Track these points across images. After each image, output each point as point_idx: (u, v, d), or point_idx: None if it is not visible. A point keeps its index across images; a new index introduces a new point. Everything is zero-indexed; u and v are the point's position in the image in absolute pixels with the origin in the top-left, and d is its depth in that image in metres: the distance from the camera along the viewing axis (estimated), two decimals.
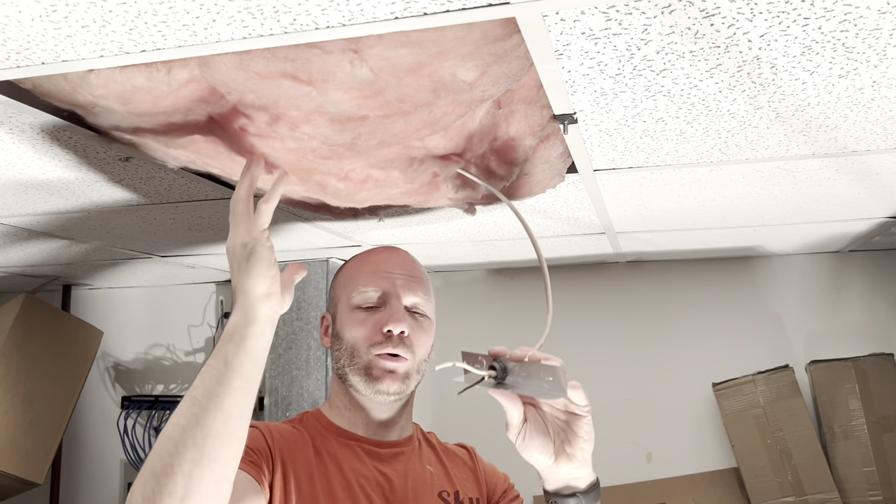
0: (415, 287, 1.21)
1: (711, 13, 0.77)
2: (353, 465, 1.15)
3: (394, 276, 1.20)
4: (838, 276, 2.64)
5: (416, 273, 1.24)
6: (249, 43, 0.81)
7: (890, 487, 2.37)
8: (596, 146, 1.25)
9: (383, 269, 1.21)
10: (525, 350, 0.97)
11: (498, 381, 0.97)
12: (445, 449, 1.31)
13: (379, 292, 1.19)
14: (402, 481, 1.17)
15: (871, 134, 1.20)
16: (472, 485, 1.26)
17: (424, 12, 0.74)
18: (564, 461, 0.97)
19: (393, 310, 1.17)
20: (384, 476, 1.16)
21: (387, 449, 1.19)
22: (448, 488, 1.21)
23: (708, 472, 2.63)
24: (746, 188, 1.56)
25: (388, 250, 1.27)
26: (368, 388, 1.15)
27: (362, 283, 1.20)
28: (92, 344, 2.88)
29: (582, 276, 2.81)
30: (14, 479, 2.51)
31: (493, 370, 0.98)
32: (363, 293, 1.19)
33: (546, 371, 0.93)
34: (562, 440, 0.97)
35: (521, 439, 0.98)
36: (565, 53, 0.86)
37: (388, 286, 1.19)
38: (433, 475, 1.22)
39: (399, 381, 1.15)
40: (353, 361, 1.16)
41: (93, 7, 0.74)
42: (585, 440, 0.97)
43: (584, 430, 0.97)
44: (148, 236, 2.01)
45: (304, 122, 1.01)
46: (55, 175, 1.37)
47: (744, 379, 2.54)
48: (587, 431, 0.97)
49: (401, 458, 1.20)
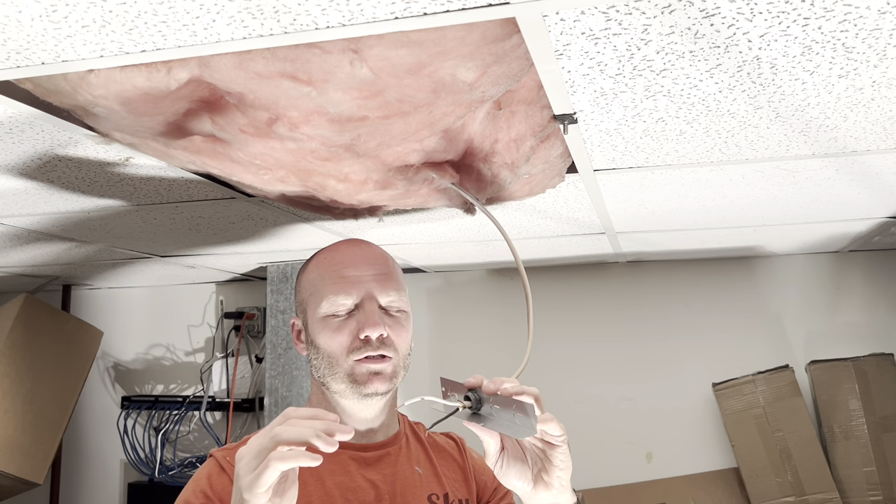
0: (387, 285, 1.15)
1: (711, 13, 0.77)
2: (336, 478, 1.12)
3: (364, 279, 1.14)
4: (838, 276, 2.64)
5: (386, 268, 1.17)
6: (249, 43, 0.81)
7: (890, 487, 2.37)
8: (596, 146, 1.25)
9: (351, 272, 1.14)
10: (499, 382, 0.96)
11: (473, 412, 0.97)
12: (434, 444, 1.27)
13: (351, 299, 1.12)
14: (391, 487, 1.14)
15: (871, 134, 1.20)
16: (462, 484, 1.24)
17: (424, 12, 0.74)
18: (542, 488, 0.98)
19: (368, 314, 1.11)
20: (371, 483, 1.13)
21: (373, 452, 1.16)
22: (437, 490, 1.19)
23: (708, 472, 2.63)
24: (746, 188, 1.56)
25: (352, 246, 1.19)
26: (355, 393, 1.11)
27: (332, 291, 1.13)
28: (92, 344, 2.88)
29: (582, 276, 2.81)
30: (14, 479, 2.51)
31: (468, 401, 0.97)
32: (333, 302, 1.12)
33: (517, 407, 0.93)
34: (539, 468, 0.98)
35: (500, 467, 0.99)
36: (565, 53, 0.86)
37: (359, 291, 1.13)
38: (422, 477, 1.19)
39: (387, 380, 1.12)
40: (334, 370, 1.12)
41: (93, 7, 0.74)
42: (562, 468, 0.97)
43: (559, 458, 0.97)
44: (148, 236, 2.01)
45: (304, 122, 1.01)
46: (55, 175, 1.37)
47: (744, 379, 2.54)
48: (563, 460, 0.97)
49: (388, 461, 1.17)
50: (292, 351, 2.56)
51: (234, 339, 2.98)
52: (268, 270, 2.61)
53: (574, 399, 2.75)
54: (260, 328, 2.99)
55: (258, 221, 1.86)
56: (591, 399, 2.74)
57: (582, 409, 2.74)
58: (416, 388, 2.62)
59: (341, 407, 1.15)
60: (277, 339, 2.58)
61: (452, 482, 1.23)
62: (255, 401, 2.93)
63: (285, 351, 2.57)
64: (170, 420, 2.99)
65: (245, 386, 2.95)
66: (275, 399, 2.56)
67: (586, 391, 2.75)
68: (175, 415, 2.99)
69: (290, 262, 2.57)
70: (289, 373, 2.56)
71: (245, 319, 2.95)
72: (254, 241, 2.13)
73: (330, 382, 1.13)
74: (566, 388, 2.76)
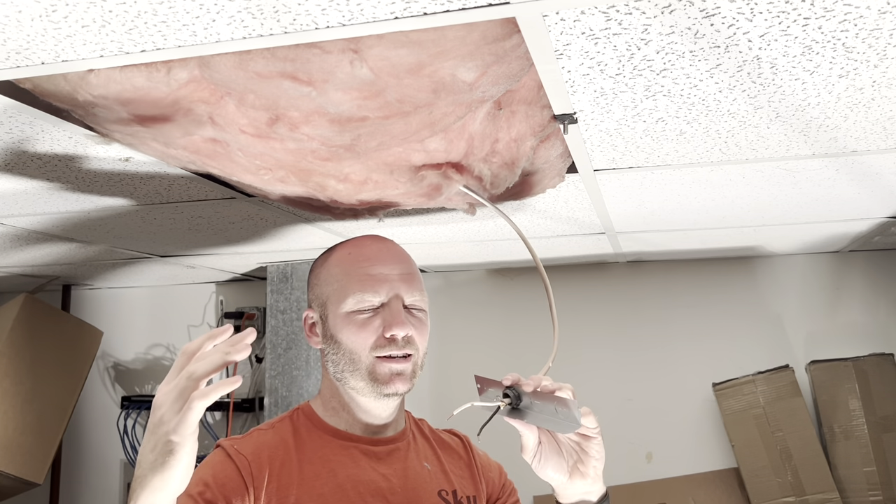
0: (412, 285, 1.16)
1: (711, 13, 0.77)
2: (349, 471, 1.12)
3: (391, 277, 1.15)
4: (838, 276, 2.64)
5: (411, 268, 1.19)
6: (249, 43, 0.81)
7: (890, 487, 2.37)
8: (596, 146, 1.25)
9: (378, 270, 1.15)
10: (537, 380, 1.01)
11: (512, 408, 1.02)
12: (440, 441, 1.28)
13: (378, 297, 1.13)
14: (402, 482, 1.15)
15: (871, 134, 1.20)
16: (469, 481, 1.24)
17: (424, 12, 0.74)
18: (578, 478, 1.04)
19: (395, 313, 1.12)
20: (383, 477, 1.14)
21: (383, 447, 1.17)
22: (446, 486, 1.20)
23: (708, 472, 2.63)
24: (746, 188, 1.56)
25: (377, 243, 1.20)
26: (375, 392, 1.12)
27: (359, 288, 1.13)
28: (92, 344, 2.88)
29: (582, 276, 2.81)
30: (14, 479, 2.51)
31: (507, 398, 1.01)
32: (360, 299, 1.13)
33: (559, 403, 0.97)
34: (574, 459, 1.04)
35: (538, 461, 1.04)
36: (565, 53, 0.86)
37: (386, 290, 1.14)
38: (431, 473, 1.20)
39: (408, 381, 1.13)
40: (355, 367, 1.12)
41: (93, 7, 0.74)
42: (597, 459, 1.03)
43: (595, 450, 1.03)
44: (148, 236, 2.01)
45: (304, 122, 1.01)
46: (55, 175, 1.37)
47: (744, 379, 2.54)
48: (598, 451, 1.03)
49: (397, 456, 1.18)
50: (292, 351, 2.56)
51: None
52: (268, 270, 2.61)
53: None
54: (260, 328, 2.99)
55: (258, 221, 1.86)
56: (592, 399, 2.73)
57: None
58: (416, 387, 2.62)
59: (356, 402, 1.16)
60: (277, 339, 2.58)
61: (460, 479, 1.24)
62: (255, 401, 2.93)
63: (285, 351, 2.57)
64: None
65: (245, 386, 2.95)
66: (275, 399, 2.56)
67: (586, 391, 2.74)
68: None
69: (290, 262, 2.57)
70: (289, 373, 2.56)
71: (245, 319, 2.95)
72: (254, 241, 2.13)
73: (349, 379, 1.14)
74: None
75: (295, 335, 2.56)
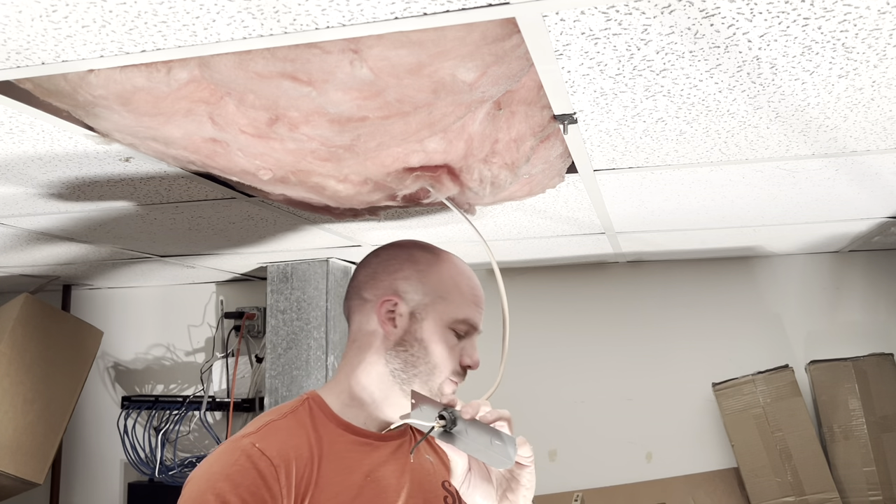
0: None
1: (711, 13, 0.77)
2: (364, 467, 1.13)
3: (481, 310, 1.23)
4: (838, 276, 2.64)
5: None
6: (249, 43, 0.81)
7: (890, 487, 2.38)
8: (596, 146, 1.25)
9: (482, 303, 1.23)
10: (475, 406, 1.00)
11: (446, 430, 1.00)
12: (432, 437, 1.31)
13: (475, 329, 1.21)
14: (410, 475, 1.18)
15: (871, 134, 1.20)
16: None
17: (424, 12, 0.74)
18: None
19: (474, 347, 1.20)
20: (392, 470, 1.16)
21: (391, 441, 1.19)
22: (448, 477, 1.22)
23: (708, 472, 2.63)
24: (746, 188, 1.56)
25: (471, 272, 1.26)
26: None
27: (471, 313, 1.20)
28: (92, 344, 2.88)
29: (582, 276, 2.81)
30: (14, 479, 2.51)
31: (442, 419, 1.00)
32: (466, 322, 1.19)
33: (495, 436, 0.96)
34: (504, 488, 1.02)
35: (466, 487, 1.02)
36: (565, 53, 0.86)
37: (478, 321, 1.22)
38: (433, 465, 1.24)
39: None
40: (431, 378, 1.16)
41: (93, 7, 0.74)
42: (527, 488, 1.01)
43: (527, 479, 1.01)
44: (148, 236, 2.01)
45: (304, 122, 1.01)
46: (55, 175, 1.37)
47: (744, 379, 2.54)
48: (530, 480, 1.01)
49: (404, 450, 1.21)
50: (292, 351, 2.56)
51: (235, 339, 2.98)
52: (268, 270, 2.61)
53: (574, 399, 2.75)
54: (260, 328, 2.98)
55: (258, 221, 1.86)
56: (591, 399, 2.74)
57: (582, 409, 2.74)
58: None
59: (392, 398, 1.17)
60: (277, 338, 2.58)
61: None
62: (256, 401, 2.93)
63: (285, 351, 2.57)
64: (170, 420, 2.99)
65: (245, 386, 2.95)
66: (275, 399, 2.56)
67: (586, 391, 2.75)
68: (175, 415, 2.99)
69: (290, 262, 2.57)
70: (289, 373, 2.56)
71: (245, 319, 2.95)
72: (254, 241, 2.13)
73: (413, 379, 1.16)
74: (566, 388, 2.76)
75: (295, 335, 2.56)
